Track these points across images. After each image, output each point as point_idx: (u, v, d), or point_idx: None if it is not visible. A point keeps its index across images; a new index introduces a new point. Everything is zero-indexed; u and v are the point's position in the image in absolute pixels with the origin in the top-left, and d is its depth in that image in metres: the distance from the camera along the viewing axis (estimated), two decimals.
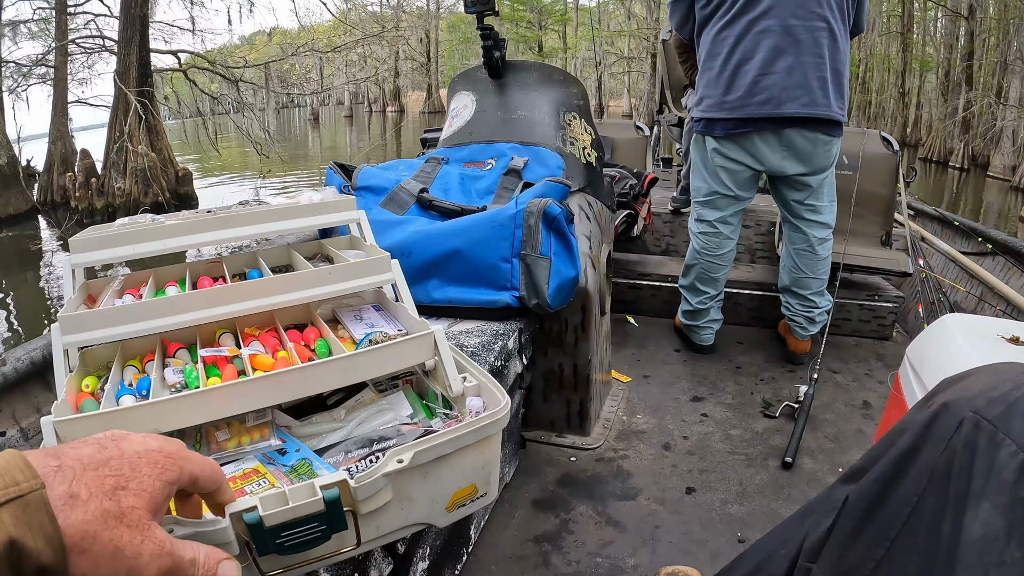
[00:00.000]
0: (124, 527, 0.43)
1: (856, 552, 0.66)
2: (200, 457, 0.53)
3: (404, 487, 0.73)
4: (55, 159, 12.38)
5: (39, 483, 0.40)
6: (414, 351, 0.88)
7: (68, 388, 0.84)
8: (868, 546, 0.65)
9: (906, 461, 0.65)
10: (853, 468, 0.73)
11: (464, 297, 1.47)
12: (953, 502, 0.58)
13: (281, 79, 17.60)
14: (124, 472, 0.45)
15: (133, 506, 0.44)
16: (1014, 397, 0.59)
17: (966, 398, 0.62)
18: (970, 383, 0.65)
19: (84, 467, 0.43)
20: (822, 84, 2.11)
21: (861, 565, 0.65)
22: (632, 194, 2.79)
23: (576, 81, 2.07)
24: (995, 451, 0.57)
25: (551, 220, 1.46)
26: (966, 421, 0.60)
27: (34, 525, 0.39)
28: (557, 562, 1.47)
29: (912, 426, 0.66)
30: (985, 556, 0.53)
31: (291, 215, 1.06)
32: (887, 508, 0.65)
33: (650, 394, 2.26)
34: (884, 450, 0.68)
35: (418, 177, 1.81)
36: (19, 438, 1.54)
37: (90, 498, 0.42)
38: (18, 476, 0.39)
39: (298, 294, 0.93)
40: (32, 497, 0.39)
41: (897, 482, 0.65)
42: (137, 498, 0.44)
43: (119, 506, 0.43)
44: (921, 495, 0.62)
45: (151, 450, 0.47)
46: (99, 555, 0.42)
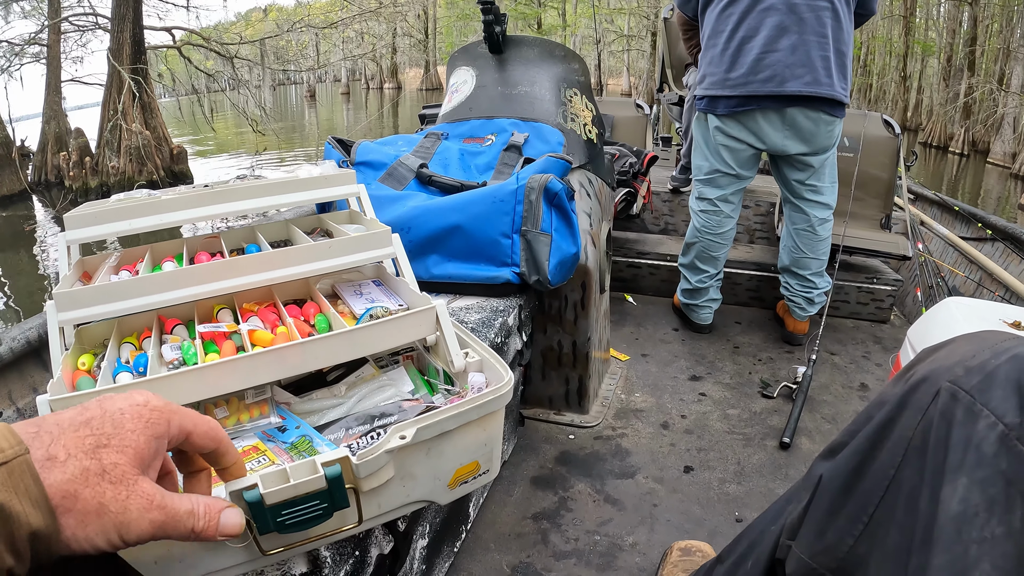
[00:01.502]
0: (107, 483, 0.43)
1: (836, 528, 0.65)
2: (194, 413, 0.50)
3: (406, 464, 0.72)
4: (49, 138, 12.28)
5: (23, 448, 0.40)
6: (415, 326, 0.87)
7: (64, 366, 0.83)
8: (847, 521, 0.64)
9: (883, 433, 0.63)
10: (833, 443, 0.71)
11: (464, 273, 1.46)
12: (930, 475, 0.56)
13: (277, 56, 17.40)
14: (105, 430, 0.44)
15: (115, 462, 0.43)
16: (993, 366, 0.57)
17: (944, 367, 0.60)
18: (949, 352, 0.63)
19: (63, 430, 0.43)
20: (825, 63, 2.09)
21: (841, 542, 0.64)
22: (632, 172, 2.77)
23: (577, 57, 2.05)
24: (973, 423, 0.55)
25: (552, 196, 1.44)
26: (943, 391, 0.58)
27: (20, 489, 0.39)
28: (556, 539, 1.47)
29: (890, 398, 0.64)
30: (965, 532, 0.52)
31: (290, 189, 1.05)
32: (865, 482, 0.63)
33: (648, 373, 2.26)
34: (862, 424, 0.66)
35: (417, 152, 1.79)
36: (15, 418, 1.53)
37: (68, 458, 0.42)
38: (1, 443, 0.40)
39: (297, 268, 0.92)
40: (16, 462, 0.39)
41: (874, 455, 0.63)
42: (120, 454, 0.44)
43: (100, 463, 0.43)
44: (898, 468, 0.60)
45: (135, 404, 0.46)
46: (84, 513, 0.42)
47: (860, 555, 0.61)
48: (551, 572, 1.39)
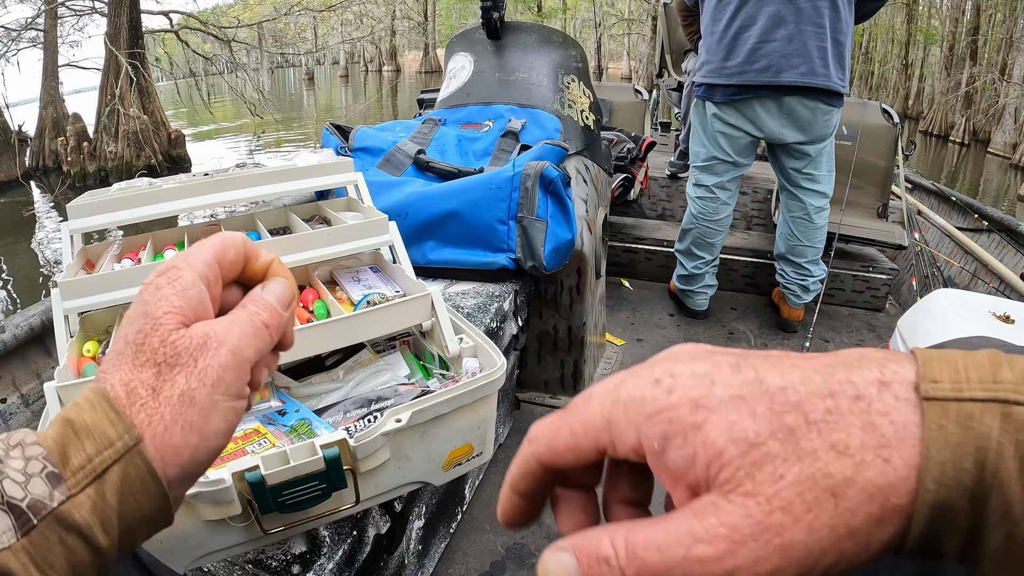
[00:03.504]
0: (193, 408, 0.37)
1: None
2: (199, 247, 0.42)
3: (402, 446, 0.74)
4: (46, 124, 12.23)
5: (135, 436, 0.35)
6: (412, 312, 0.89)
7: (70, 353, 0.85)
8: None
9: None
10: None
11: (460, 258, 1.48)
12: None
13: (275, 39, 17.32)
14: (158, 349, 0.37)
15: (189, 385, 0.37)
16: None
17: None
18: None
19: (121, 347, 0.38)
20: (822, 54, 2.10)
21: None
22: (629, 158, 2.78)
23: (575, 43, 2.05)
24: None
25: (548, 183, 1.46)
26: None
27: (137, 489, 0.35)
28: (550, 521, 1.49)
29: None
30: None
31: (289, 177, 1.06)
32: None
33: (643, 357, 2.27)
34: None
35: (415, 138, 1.80)
36: (20, 404, 1.55)
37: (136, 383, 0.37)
38: (110, 431, 0.35)
39: (296, 256, 0.94)
40: (130, 457, 0.35)
41: None
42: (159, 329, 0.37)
43: (184, 388, 0.37)
44: None
45: (160, 271, 0.39)
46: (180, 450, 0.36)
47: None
48: None
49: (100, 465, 0.34)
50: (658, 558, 0.26)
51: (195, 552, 0.71)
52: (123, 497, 0.35)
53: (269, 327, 0.41)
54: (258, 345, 0.40)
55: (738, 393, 0.26)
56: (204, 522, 0.68)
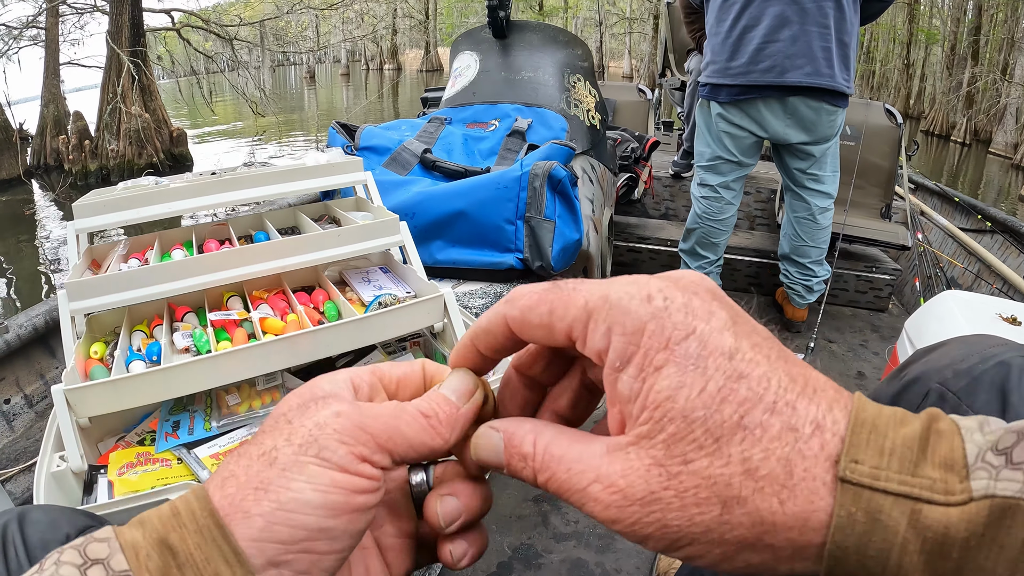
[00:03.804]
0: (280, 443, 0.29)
1: None
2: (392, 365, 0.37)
3: None
4: (48, 122, 12.21)
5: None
6: (424, 314, 0.89)
7: (76, 355, 0.84)
8: None
9: None
10: None
11: (468, 258, 1.47)
12: None
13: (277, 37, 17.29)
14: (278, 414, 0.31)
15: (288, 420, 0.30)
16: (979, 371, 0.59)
17: (935, 369, 0.62)
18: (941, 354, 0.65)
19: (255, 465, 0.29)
20: (826, 54, 2.09)
21: None
22: (633, 157, 2.78)
23: (581, 43, 2.05)
24: None
25: (556, 183, 1.45)
26: (932, 392, 0.60)
27: None
28: (556, 521, 1.50)
29: (883, 397, 0.66)
30: None
31: (297, 176, 1.06)
32: None
33: None
34: None
35: (421, 137, 1.80)
36: (23, 405, 1.54)
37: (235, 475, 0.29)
38: (221, 569, 0.27)
39: (307, 256, 0.93)
40: None
41: None
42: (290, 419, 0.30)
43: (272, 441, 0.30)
44: None
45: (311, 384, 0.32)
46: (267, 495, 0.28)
47: None
48: (551, 553, 1.41)
49: None
50: (563, 478, 0.28)
51: None
52: None
53: (429, 417, 0.32)
54: (403, 429, 0.31)
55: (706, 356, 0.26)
56: None
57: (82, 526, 0.54)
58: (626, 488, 0.26)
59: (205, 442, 0.79)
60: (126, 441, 0.87)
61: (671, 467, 0.26)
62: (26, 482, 1.24)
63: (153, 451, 0.81)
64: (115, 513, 0.64)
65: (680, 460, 0.25)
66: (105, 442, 0.89)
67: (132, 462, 0.80)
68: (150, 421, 0.90)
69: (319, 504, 0.28)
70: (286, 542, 0.28)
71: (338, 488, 0.28)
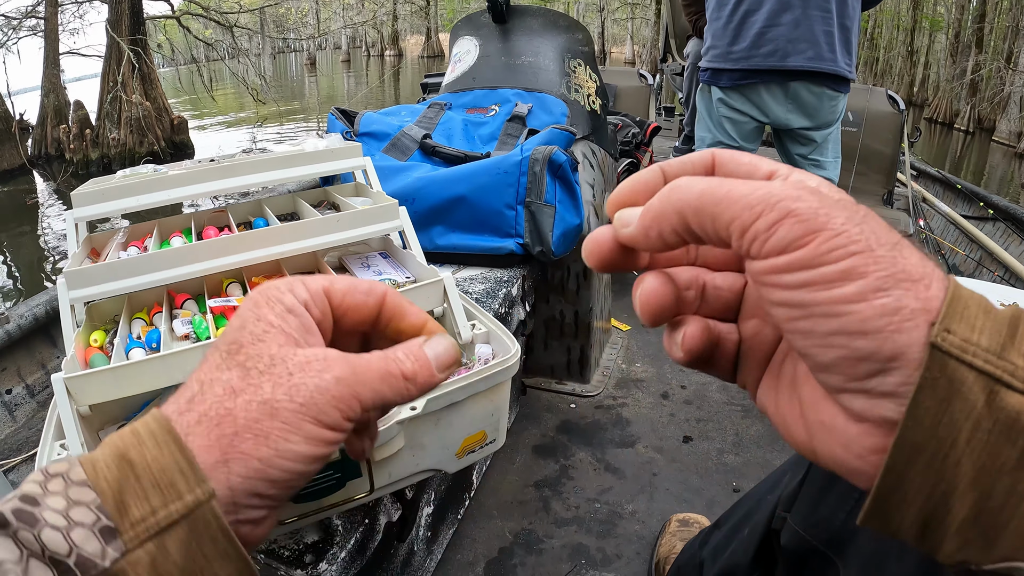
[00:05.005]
0: (260, 380, 0.33)
1: (828, 503, 0.67)
2: (340, 278, 0.39)
3: (416, 434, 0.74)
4: (48, 112, 12.19)
5: (207, 490, 0.30)
6: (424, 299, 0.88)
7: (76, 343, 0.84)
8: (839, 497, 0.66)
9: None
10: None
11: (468, 244, 1.47)
12: None
13: (277, 24, 17.21)
14: (234, 335, 0.34)
15: (256, 353, 0.34)
16: None
17: None
18: None
19: (207, 364, 0.34)
20: (828, 39, 2.07)
21: (833, 516, 0.65)
22: (634, 143, 2.77)
23: (582, 27, 2.03)
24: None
25: (556, 168, 1.44)
26: None
27: (208, 549, 0.30)
28: (557, 507, 1.50)
29: None
30: None
31: (296, 162, 1.05)
32: None
33: (649, 343, 2.28)
34: None
35: (421, 123, 1.79)
36: (25, 395, 1.55)
37: (210, 395, 0.33)
38: (178, 482, 0.30)
39: (307, 242, 0.93)
40: (200, 514, 0.30)
41: None
42: (256, 343, 0.34)
43: (240, 366, 0.33)
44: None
45: (260, 289, 0.36)
46: (250, 425, 0.32)
47: (851, 529, 0.63)
48: (552, 539, 1.42)
49: (165, 520, 0.29)
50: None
51: None
52: (189, 554, 0.30)
53: (409, 379, 0.36)
54: (384, 391, 0.35)
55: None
56: None
57: None
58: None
59: None
60: None
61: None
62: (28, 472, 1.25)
63: None
64: None
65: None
66: (106, 430, 0.89)
67: None
68: (150, 408, 0.90)
69: (309, 455, 0.33)
70: (275, 480, 0.32)
71: (326, 443, 0.33)
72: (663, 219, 0.31)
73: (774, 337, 0.35)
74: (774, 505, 0.79)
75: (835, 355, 0.27)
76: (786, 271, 0.27)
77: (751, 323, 0.35)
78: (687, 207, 0.30)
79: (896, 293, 0.26)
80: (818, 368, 0.28)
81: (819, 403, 0.30)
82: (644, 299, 0.33)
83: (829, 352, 0.27)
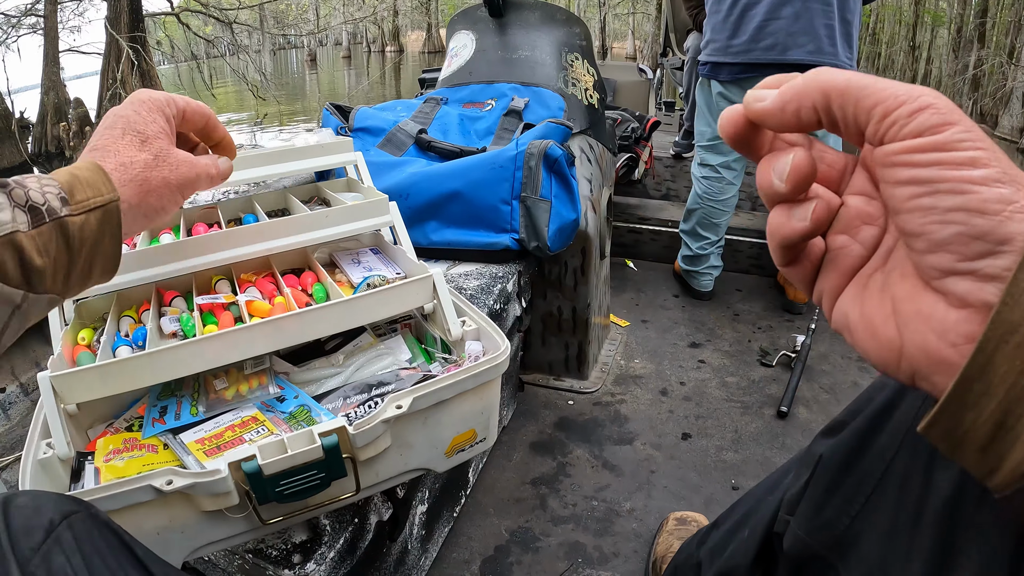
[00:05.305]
0: (162, 163, 0.60)
1: (833, 507, 0.65)
2: (182, 96, 0.67)
3: (403, 433, 0.73)
4: (48, 109, 12.15)
5: (116, 196, 0.56)
6: (413, 294, 0.87)
7: (64, 342, 0.83)
8: (844, 501, 0.64)
9: (883, 417, 0.62)
10: (834, 422, 0.71)
11: (463, 239, 1.46)
12: (926, 458, 0.55)
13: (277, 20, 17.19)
14: (138, 128, 0.60)
15: (160, 147, 0.61)
16: None
17: None
18: None
19: (116, 142, 0.59)
20: (829, 32, 2.05)
21: (837, 520, 0.64)
22: (633, 137, 2.75)
23: (579, 21, 2.02)
24: None
25: (552, 162, 1.43)
26: None
27: (112, 228, 0.56)
28: (554, 505, 1.49)
29: (891, 382, 0.63)
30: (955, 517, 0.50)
31: (286, 158, 1.04)
32: (863, 464, 0.63)
33: (648, 339, 2.26)
34: (863, 405, 0.66)
35: (416, 118, 1.77)
36: (19, 393, 1.54)
37: (132, 160, 0.58)
38: (102, 189, 0.55)
39: (295, 238, 0.91)
40: (111, 208, 0.55)
41: (873, 438, 0.63)
42: (157, 139, 0.61)
43: (152, 152, 0.60)
44: (896, 452, 0.60)
45: (142, 101, 0.62)
46: (157, 190, 0.60)
47: (855, 534, 0.62)
48: (549, 537, 1.40)
49: (93, 204, 0.54)
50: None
51: (193, 543, 0.69)
52: (99, 228, 0.54)
53: (212, 177, 0.67)
54: (203, 182, 0.66)
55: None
56: (201, 513, 0.67)
57: (68, 511, 0.54)
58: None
59: (191, 427, 0.78)
60: (115, 427, 0.86)
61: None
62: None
63: (140, 437, 0.80)
64: (101, 499, 0.63)
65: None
66: (95, 428, 0.88)
67: (119, 448, 0.79)
68: (139, 407, 0.89)
69: (173, 209, 0.63)
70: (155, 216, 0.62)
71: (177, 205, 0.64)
72: (805, 96, 0.34)
73: (861, 252, 0.38)
74: (776, 506, 0.77)
75: (953, 231, 0.30)
76: (920, 151, 0.31)
77: (840, 238, 0.38)
78: (833, 88, 0.33)
79: (1012, 188, 0.29)
80: (932, 247, 0.31)
81: (918, 295, 0.33)
82: (799, 163, 0.36)
83: (947, 228, 0.30)
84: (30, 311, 0.52)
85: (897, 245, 0.36)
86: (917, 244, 0.32)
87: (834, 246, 0.38)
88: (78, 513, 0.54)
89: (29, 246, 0.49)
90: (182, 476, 0.63)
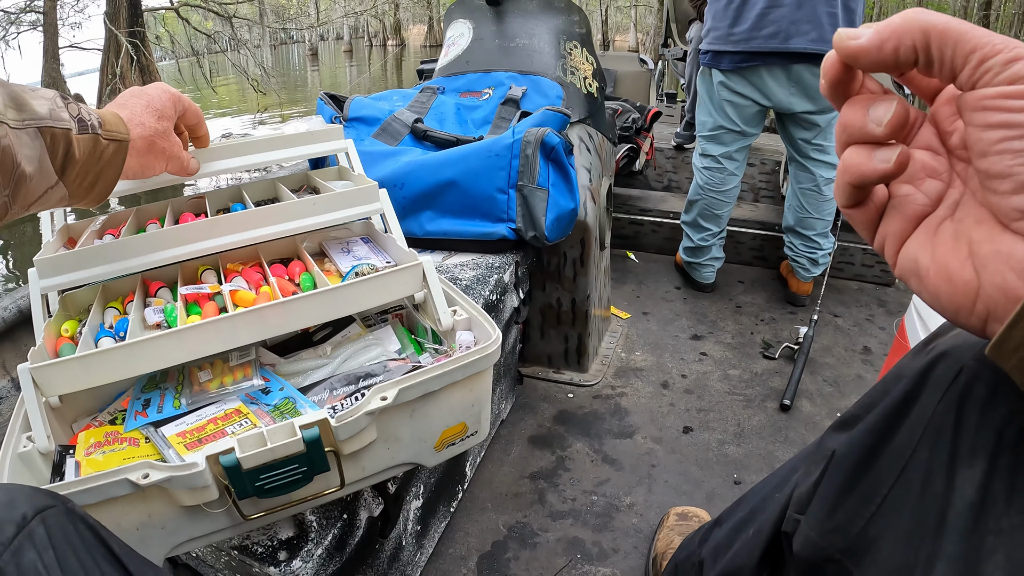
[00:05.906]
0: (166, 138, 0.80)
1: (847, 507, 0.62)
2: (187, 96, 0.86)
3: (390, 426, 0.70)
4: None
5: (129, 137, 0.74)
6: (402, 283, 0.84)
7: (47, 333, 0.81)
8: (860, 501, 0.60)
9: (900, 411, 0.59)
10: (846, 415, 0.68)
11: (459, 229, 1.43)
12: (948, 458, 0.52)
13: (277, 14, 17.12)
14: (157, 106, 0.79)
15: (167, 127, 0.80)
16: None
17: (969, 343, 0.55)
18: None
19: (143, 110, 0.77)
20: (832, 20, 2.02)
21: (852, 522, 0.60)
22: (634, 128, 2.72)
23: (578, 9, 1.99)
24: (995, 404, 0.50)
25: (549, 150, 1.40)
26: (965, 369, 0.53)
27: (116, 159, 0.72)
28: (553, 499, 1.47)
29: (909, 373, 0.60)
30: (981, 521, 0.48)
31: (275, 146, 1.01)
32: (880, 461, 0.59)
33: (649, 331, 2.24)
34: (879, 398, 0.62)
35: (412, 107, 1.74)
36: (10, 388, 1.52)
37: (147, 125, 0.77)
38: (121, 128, 0.73)
39: (282, 226, 0.89)
40: (125, 145, 0.73)
41: (890, 434, 0.59)
42: (168, 120, 0.80)
43: (163, 126, 0.79)
44: (915, 448, 0.56)
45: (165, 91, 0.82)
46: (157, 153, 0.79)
47: (871, 537, 0.58)
48: (548, 532, 1.38)
49: (117, 136, 0.71)
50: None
51: (173, 540, 0.67)
52: (114, 157, 0.71)
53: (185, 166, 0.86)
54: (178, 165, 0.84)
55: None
56: (180, 508, 0.65)
57: (42, 505, 0.53)
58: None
59: (174, 420, 0.76)
60: (98, 421, 0.84)
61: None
62: None
63: (121, 430, 0.78)
64: (77, 493, 0.61)
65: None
66: (79, 422, 0.86)
67: (100, 442, 0.77)
68: (123, 400, 0.87)
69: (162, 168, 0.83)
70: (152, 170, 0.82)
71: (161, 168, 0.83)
72: (905, 34, 0.35)
73: (925, 201, 0.39)
74: (784, 504, 0.74)
75: None
76: (1013, 97, 0.32)
77: (905, 187, 0.40)
78: (933, 28, 0.34)
79: None
80: (1018, 187, 0.33)
81: (997, 237, 0.34)
82: (901, 110, 0.37)
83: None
84: (50, 197, 0.67)
85: (964, 198, 0.38)
86: (1002, 186, 0.33)
87: (899, 193, 0.40)
88: (53, 508, 0.52)
89: (75, 143, 0.66)
90: (159, 470, 0.60)
